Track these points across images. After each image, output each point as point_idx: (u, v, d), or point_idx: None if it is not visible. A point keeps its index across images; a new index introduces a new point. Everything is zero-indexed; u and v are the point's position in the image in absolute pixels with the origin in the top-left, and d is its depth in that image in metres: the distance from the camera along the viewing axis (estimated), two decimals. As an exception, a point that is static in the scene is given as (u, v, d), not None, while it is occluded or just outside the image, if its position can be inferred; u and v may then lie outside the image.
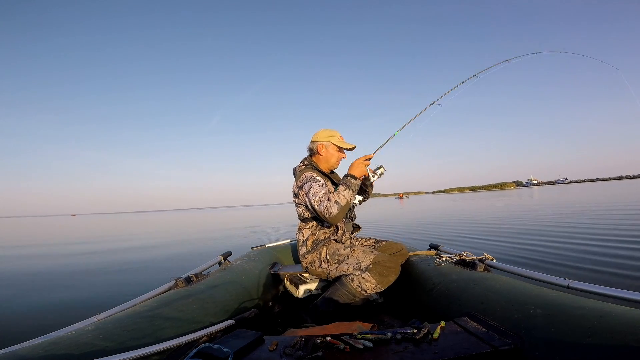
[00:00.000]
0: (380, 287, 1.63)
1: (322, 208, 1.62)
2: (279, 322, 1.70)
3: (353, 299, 1.65)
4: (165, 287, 1.50)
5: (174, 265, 4.91)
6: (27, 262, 5.94)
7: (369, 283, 1.62)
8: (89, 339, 0.88)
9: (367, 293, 1.64)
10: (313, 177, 1.76)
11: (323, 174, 1.90)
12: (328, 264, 1.75)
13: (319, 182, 1.73)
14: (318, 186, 1.71)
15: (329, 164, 1.91)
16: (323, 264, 1.77)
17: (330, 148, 1.89)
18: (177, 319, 1.12)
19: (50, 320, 2.62)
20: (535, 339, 0.86)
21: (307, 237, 1.83)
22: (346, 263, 1.71)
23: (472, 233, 6.37)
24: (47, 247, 9.14)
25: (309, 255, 1.81)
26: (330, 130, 1.92)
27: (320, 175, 1.82)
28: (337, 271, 1.74)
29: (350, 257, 1.71)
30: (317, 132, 1.94)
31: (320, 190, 1.68)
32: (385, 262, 1.66)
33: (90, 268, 5.05)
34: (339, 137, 1.91)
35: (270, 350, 0.91)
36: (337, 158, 1.91)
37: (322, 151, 1.89)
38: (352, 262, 1.69)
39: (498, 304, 1.08)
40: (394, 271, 1.67)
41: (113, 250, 7.53)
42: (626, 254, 3.60)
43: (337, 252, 1.75)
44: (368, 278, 1.62)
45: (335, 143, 1.88)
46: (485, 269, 1.50)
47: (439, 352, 0.86)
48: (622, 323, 0.78)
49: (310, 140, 1.94)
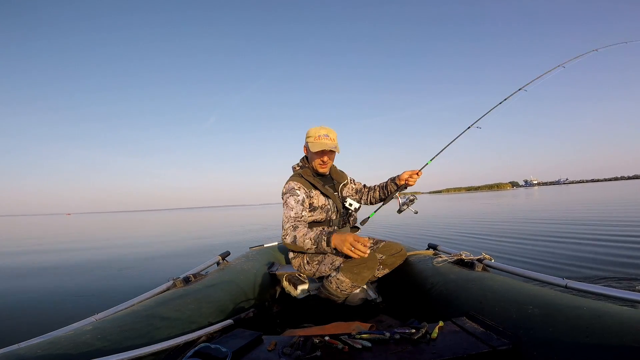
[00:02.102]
0: (356, 284, 1.59)
1: (284, 231, 1.63)
2: (277, 322, 1.70)
3: (338, 299, 1.64)
4: (164, 287, 1.49)
5: (172, 265, 4.90)
6: (22, 262, 5.90)
7: (344, 283, 1.58)
8: (87, 339, 0.88)
9: (347, 292, 1.62)
10: (293, 189, 1.69)
11: (319, 175, 1.84)
12: (310, 265, 1.77)
13: (296, 196, 1.67)
14: (294, 202, 1.66)
15: (314, 167, 1.79)
16: (307, 266, 1.79)
17: (309, 149, 1.74)
18: (175, 319, 1.11)
19: (48, 320, 2.60)
20: (533, 339, 0.86)
21: None
22: (324, 264, 1.72)
23: (470, 233, 6.38)
24: (43, 246, 9.08)
25: (294, 259, 1.84)
26: (312, 128, 1.75)
27: (305, 184, 1.72)
28: (319, 273, 1.75)
29: (327, 257, 1.71)
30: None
31: (292, 211, 1.64)
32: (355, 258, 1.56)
33: (87, 268, 5.03)
34: (317, 137, 1.70)
35: (269, 350, 0.91)
36: (315, 162, 1.75)
37: (306, 152, 1.81)
38: (328, 262, 1.69)
39: (496, 304, 1.08)
40: (368, 266, 1.58)
41: (110, 250, 7.49)
42: (623, 254, 3.62)
43: (315, 254, 1.76)
44: (342, 278, 1.58)
45: (308, 144, 1.72)
46: (484, 269, 1.50)
47: (437, 352, 0.86)
48: (620, 323, 0.78)
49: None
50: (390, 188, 1.94)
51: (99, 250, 7.45)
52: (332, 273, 1.65)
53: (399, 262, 1.82)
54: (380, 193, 1.98)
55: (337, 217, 1.82)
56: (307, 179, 1.76)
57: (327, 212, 1.77)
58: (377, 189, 2.00)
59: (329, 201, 1.78)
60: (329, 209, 1.77)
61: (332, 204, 1.79)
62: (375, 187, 2.02)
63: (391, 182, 1.93)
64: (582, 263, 3.40)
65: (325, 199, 1.78)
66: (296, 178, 1.76)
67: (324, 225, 1.79)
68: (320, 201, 1.76)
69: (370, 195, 2.02)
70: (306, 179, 1.75)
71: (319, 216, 1.76)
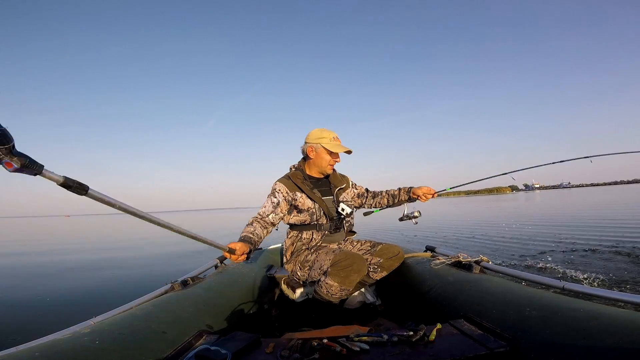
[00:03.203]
0: (345, 287, 1.59)
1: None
2: (275, 326, 1.70)
3: (329, 303, 1.65)
4: (162, 290, 1.49)
5: (170, 268, 4.89)
6: (21, 264, 5.87)
7: (333, 287, 1.59)
8: (85, 341, 0.87)
9: (337, 296, 1.62)
10: (274, 190, 1.76)
11: (312, 179, 1.85)
12: (302, 271, 1.78)
13: (273, 198, 1.74)
14: (269, 202, 1.73)
15: (320, 168, 1.83)
16: (299, 272, 1.80)
17: (319, 151, 1.78)
18: (173, 322, 1.11)
19: (46, 323, 2.59)
20: (530, 341, 0.86)
21: (288, 247, 1.86)
22: (313, 269, 1.72)
23: (468, 235, 6.39)
24: (41, 248, 9.04)
25: (287, 265, 1.86)
26: (322, 130, 1.79)
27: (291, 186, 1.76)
28: (310, 278, 1.76)
29: (316, 261, 1.72)
30: (310, 132, 1.82)
31: (263, 208, 1.72)
32: (341, 261, 1.58)
33: (85, 270, 5.01)
34: (332, 139, 1.77)
35: (267, 353, 0.91)
36: (327, 162, 1.79)
37: (312, 154, 1.80)
38: (317, 267, 1.70)
39: (494, 306, 1.09)
40: (355, 269, 1.57)
41: (108, 252, 7.46)
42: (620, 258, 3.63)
43: (306, 259, 1.77)
44: (331, 282, 1.59)
45: (325, 146, 1.76)
46: (481, 271, 1.51)
47: (435, 355, 0.87)
48: (617, 324, 0.79)
49: (304, 141, 1.84)
50: (401, 198, 1.97)
51: (98, 253, 7.42)
52: (321, 278, 1.66)
53: (396, 265, 1.82)
54: (388, 201, 2.01)
55: (327, 222, 1.81)
56: (295, 182, 1.79)
57: (312, 216, 1.78)
58: (386, 196, 2.02)
59: (315, 205, 1.79)
60: (314, 213, 1.78)
61: (319, 208, 1.79)
62: (383, 194, 2.04)
63: (404, 192, 1.97)
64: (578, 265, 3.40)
65: (312, 202, 1.79)
66: (282, 180, 1.80)
67: (312, 229, 1.81)
68: (306, 204, 1.77)
69: (376, 201, 2.04)
70: (293, 182, 1.79)
71: (303, 218, 1.78)
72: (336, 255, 1.62)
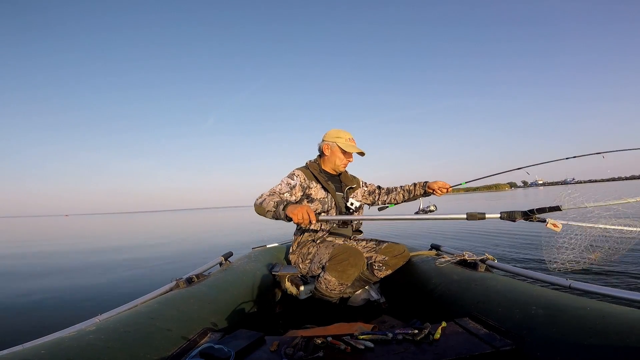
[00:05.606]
0: (343, 282, 1.60)
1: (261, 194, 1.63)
2: (279, 323, 1.70)
3: (331, 299, 1.66)
4: (167, 287, 1.50)
5: (175, 266, 4.92)
6: (25, 263, 5.94)
7: (331, 282, 1.60)
8: (90, 339, 0.88)
9: (336, 292, 1.63)
10: (292, 174, 1.79)
11: (326, 174, 1.90)
12: (304, 264, 1.81)
13: (291, 180, 1.75)
14: (284, 182, 1.74)
15: (333, 166, 1.89)
16: (301, 265, 1.83)
17: (334, 149, 1.86)
18: (178, 319, 1.11)
19: (52, 320, 2.62)
20: (536, 340, 0.86)
21: (296, 238, 1.90)
22: (314, 263, 1.74)
23: (473, 233, 6.36)
24: (44, 247, 9.13)
25: (292, 255, 1.89)
26: (340, 130, 1.88)
27: (308, 175, 1.81)
28: (311, 272, 1.78)
29: (316, 255, 1.74)
30: (328, 131, 1.91)
31: (279, 186, 1.72)
32: (338, 254, 1.59)
33: (90, 268, 5.06)
34: (347, 140, 1.86)
35: (271, 351, 0.91)
36: (341, 160, 1.87)
37: (327, 151, 1.88)
38: (317, 260, 1.71)
39: (499, 305, 1.08)
40: (352, 262, 1.57)
41: (112, 251, 7.52)
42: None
43: (308, 251, 1.81)
44: (329, 277, 1.60)
45: (340, 145, 1.84)
46: (487, 269, 1.50)
47: (440, 353, 0.86)
48: (624, 324, 0.78)
49: (322, 139, 1.93)
50: (417, 192, 2.02)
51: (101, 251, 7.49)
52: (320, 273, 1.67)
53: (401, 263, 1.82)
54: (404, 196, 2.06)
55: (337, 215, 1.85)
56: (312, 172, 1.85)
57: (323, 205, 1.82)
58: (401, 192, 2.07)
59: (328, 195, 1.84)
60: (325, 202, 1.83)
61: (331, 199, 1.84)
62: (398, 190, 2.08)
63: (420, 187, 2.01)
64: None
65: (325, 193, 1.84)
66: (301, 168, 1.87)
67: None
68: (319, 194, 1.82)
69: (390, 197, 2.09)
70: (311, 171, 1.85)
71: (314, 207, 1.81)
72: (334, 249, 1.64)
